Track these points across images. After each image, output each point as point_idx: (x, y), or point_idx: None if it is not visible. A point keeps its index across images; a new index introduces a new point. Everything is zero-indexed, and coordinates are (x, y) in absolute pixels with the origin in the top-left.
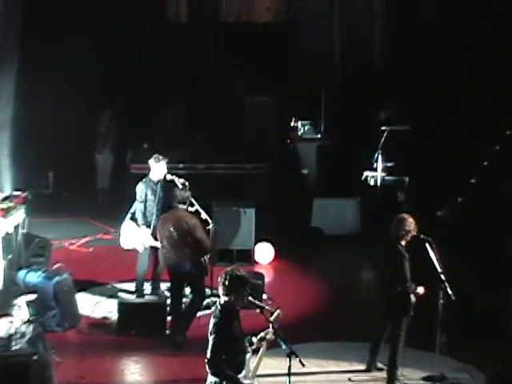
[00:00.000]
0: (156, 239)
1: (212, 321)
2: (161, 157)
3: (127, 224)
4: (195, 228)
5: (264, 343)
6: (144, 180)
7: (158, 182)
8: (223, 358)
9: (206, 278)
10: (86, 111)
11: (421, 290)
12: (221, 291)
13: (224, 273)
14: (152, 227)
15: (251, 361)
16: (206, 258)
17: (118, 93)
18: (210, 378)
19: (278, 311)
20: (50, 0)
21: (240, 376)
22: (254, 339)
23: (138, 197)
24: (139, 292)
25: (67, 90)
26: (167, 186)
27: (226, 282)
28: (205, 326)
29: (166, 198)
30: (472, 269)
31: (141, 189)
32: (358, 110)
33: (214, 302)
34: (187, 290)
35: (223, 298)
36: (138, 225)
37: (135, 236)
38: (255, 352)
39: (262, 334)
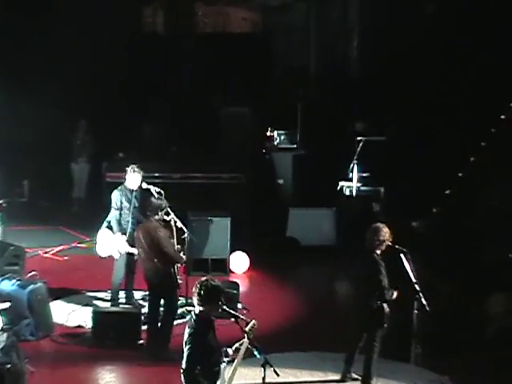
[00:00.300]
0: (132, 246)
1: (187, 331)
2: (137, 168)
3: (103, 232)
4: (161, 240)
5: (239, 354)
6: (119, 188)
7: (133, 190)
8: (198, 369)
9: (177, 290)
10: (62, 121)
11: (395, 294)
12: (195, 301)
13: (199, 283)
14: (127, 234)
15: (226, 371)
16: (177, 269)
17: (94, 103)
18: None
19: (253, 321)
20: (27, 11)
21: None
22: (230, 350)
23: (113, 204)
24: (114, 301)
25: (43, 100)
26: (143, 194)
27: (201, 293)
28: (179, 336)
29: (141, 207)
30: (447, 280)
31: (116, 196)
32: (334, 121)
33: (189, 312)
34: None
35: (198, 308)
36: (113, 232)
37: (111, 243)
38: (230, 363)
39: (236, 345)
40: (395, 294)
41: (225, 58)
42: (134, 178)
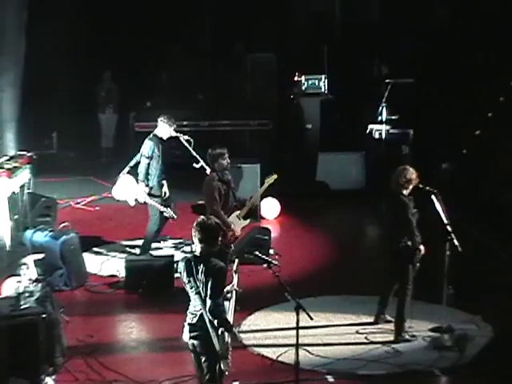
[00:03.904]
0: (154, 196)
1: (200, 269)
2: (167, 118)
3: (127, 177)
4: (206, 193)
5: (232, 295)
6: (151, 137)
7: (164, 142)
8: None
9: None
10: (88, 72)
11: (422, 249)
12: (195, 241)
13: (195, 224)
14: (153, 186)
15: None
16: None
17: (119, 53)
18: (196, 328)
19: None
20: None
21: None
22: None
23: (145, 153)
24: (145, 250)
25: (69, 52)
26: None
27: (199, 232)
28: None
29: (170, 156)
30: (474, 222)
31: (149, 145)
32: (361, 65)
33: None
34: None
35: (198, 248)
36: (137, 180)
37: (131, 190)
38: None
39: (228, 288)
40: (423, 250)
41: (249, 4)
42: (165, 129)
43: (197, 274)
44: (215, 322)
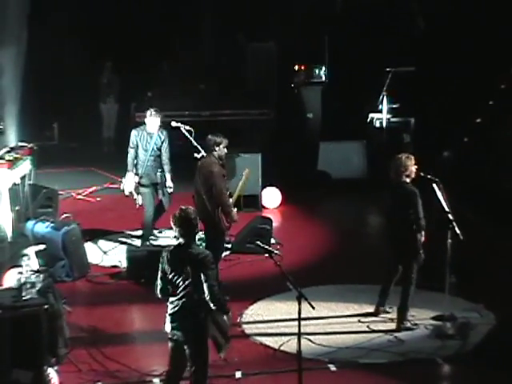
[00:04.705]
0: (144, 187)
1: (199, 257)
2: (155, 111)
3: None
4: (213, 175)
5: None
6: (138, 128)
7: (152, 133)
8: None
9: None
10: (89, 62)
11: (422, 238)
12: (176, 233)
13: (172, 216)
14: (143, 176)
15: None
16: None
17: (120, 44)
18: (179, 318)
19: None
20: None
21: None
22: None
23: (130, 143)
24: (145, 239)
25: (69, 42)
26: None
27: (178, 224)
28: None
29: (171, 146)
30: (476, 210)
31: (133, 135)
32: (362, 54)
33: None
34: None
35: (180, 239)
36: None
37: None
38: None
39: None
40: (423, 238)
41: None
42: (153, 122)
43: (182, 263)
44: (214, 306)
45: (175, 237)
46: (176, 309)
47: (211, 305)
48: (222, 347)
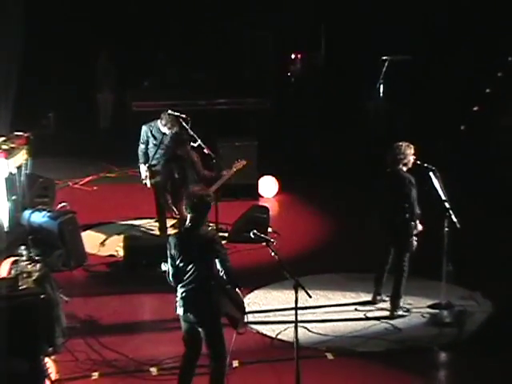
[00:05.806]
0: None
1: (207, 235)
2: (172, 113)
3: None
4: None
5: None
6: (150, 124)
7: (164, 133)
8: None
9: None
10: (85, 51)
11: (419, 227)
12: (188, 213)
13: (186, 197)
14: (153, 165)
15: None
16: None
17: (116, 33)
18: (191, 300)
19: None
20: None
21: None
22: None
23: (140, 138)
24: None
25: (66, 31)
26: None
27: (190, 204)
28: None
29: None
30: (473, 198)
31: (144, 131)
32: (358, 42)
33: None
34: None
35: (189, 218)
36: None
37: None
38: None
39: None
40: (420, 227)
41: None
42: (166, 129)
43: (189, 245)
44: (228, 279)
45: (172, 225)
46: (187, 291)
47: (225, 277)
48: (238, 322)
